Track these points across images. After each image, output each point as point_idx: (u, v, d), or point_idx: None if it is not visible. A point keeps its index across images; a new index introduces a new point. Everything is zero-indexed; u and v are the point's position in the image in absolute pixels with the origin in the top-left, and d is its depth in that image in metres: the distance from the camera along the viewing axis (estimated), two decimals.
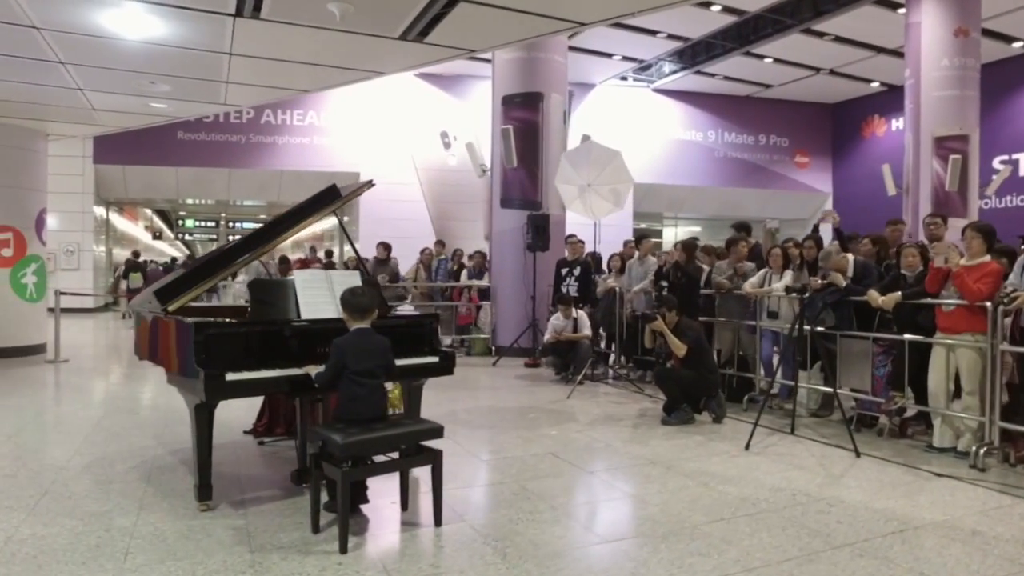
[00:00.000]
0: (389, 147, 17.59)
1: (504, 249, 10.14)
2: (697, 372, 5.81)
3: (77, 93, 7.42)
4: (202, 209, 23.94)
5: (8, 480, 4.07)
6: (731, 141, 18.38)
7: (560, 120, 10.18)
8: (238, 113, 17.19)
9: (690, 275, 6.61)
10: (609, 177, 6.92)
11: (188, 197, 20.25)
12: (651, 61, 16.33)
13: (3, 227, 8.79)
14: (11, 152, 8.84)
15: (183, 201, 21.63)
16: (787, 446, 5.10)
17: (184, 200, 21.37)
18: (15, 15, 5.36)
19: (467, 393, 7.30)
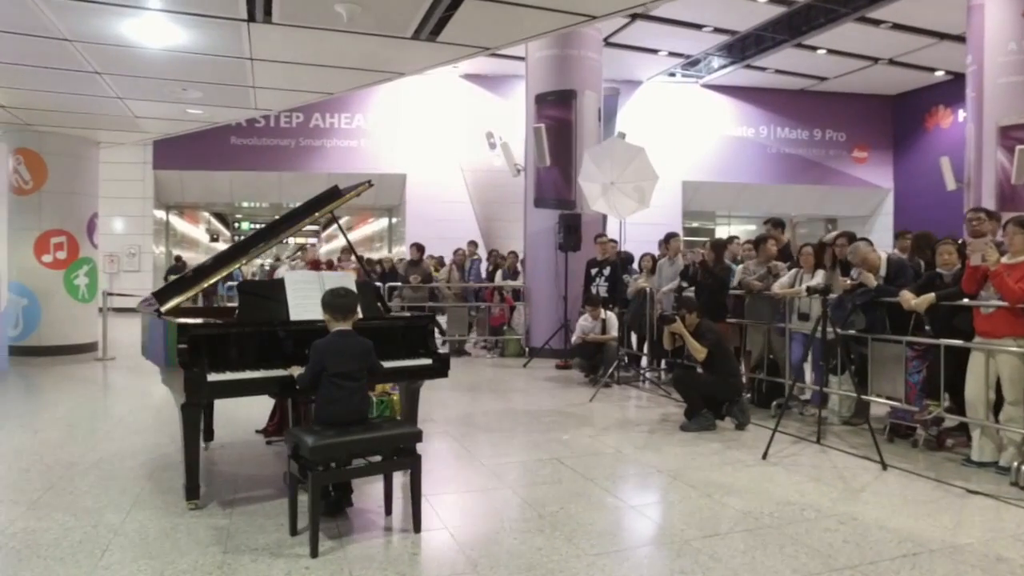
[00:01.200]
0: (435, 149, 17.71)
1: (537, 249, 10.03)
2: (718, 376, 5.57)
3: (117, 102, 7.70)
4: (257, 212, 24.64)
5: (21, 474, 4.22)
6: (785, 137, 17.73)
7: (594, 118, 9.99)
8: (288, 117, 17.65)
9: (717, 276, 6.35)
10: (633, 174, 6.72)
11: (242, 200, 20.90)
12: (699, 56, 15.90)
13: (57, 231, 9.22)
14: (65, 160, 9.27)
15: (238, 204, 22.33)
16: (809, 456, 4.82)
17: (239, 203, 22.05)
18: (47, 29, 5.59)
19: (490, 395, 7.23)
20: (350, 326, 3.44)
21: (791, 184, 17.76)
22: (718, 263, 6.42)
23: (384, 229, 22.10)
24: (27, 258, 9.05)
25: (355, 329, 3.56)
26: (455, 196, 17.88)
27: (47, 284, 9.13)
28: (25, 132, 8.97)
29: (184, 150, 16.81)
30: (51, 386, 7.33)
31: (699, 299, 6.45)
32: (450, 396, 7.09)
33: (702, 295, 6.45)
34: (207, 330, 3.58)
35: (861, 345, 5.42)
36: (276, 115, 17.60)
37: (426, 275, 10.11)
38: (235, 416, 5.59)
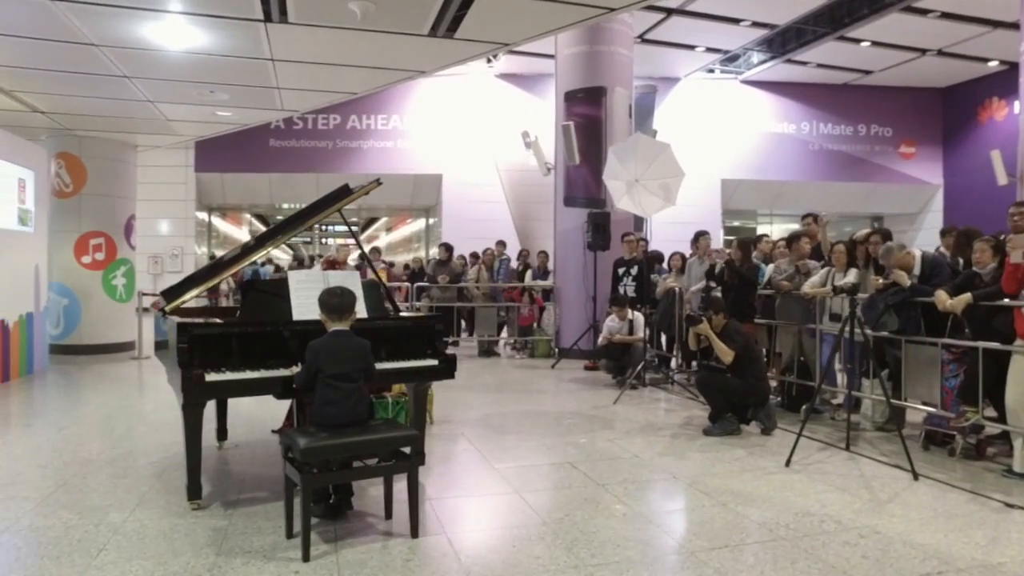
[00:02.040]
0: (471, 149, 17.70)
1: (567, 249, 9.89)
2: (744, 380, 5.36)
3: (149, 105, 7.86)
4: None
5: (37, 470, 4.30)
6: (827, 132, 17.16)
7: (625, 115, 9.80)
8: (325, 119, 17.87)
9: (744, 275, 6.12)
10: (658, 171, 6.53)
11: (280, 202, 21.23)
12: (737, 51, 15.50)
13: (96, 233, 9.48)
14: (104, 163, 9.52)
15: (278, 206, 22.72)
16: (836, 464, 4.59)
17: (279, 205, 22.44)
18: (74, 34, 5.71)
19: (513, 396, 7.13)
20: (347, 326, 3.39)
21: (834, 181, 17.18)
22: (745, 262, 6.19)
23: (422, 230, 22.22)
24: (67, 259, 9.32)
25: (361, 329, 3.51)
26: (491, 196, 17.83)
27: (86, 284, 9.40)
28: (66, 137, 9.24)
29: (224, 153, 17.19)
30: (85, 384, 7.52)
31: (726, 299, 6.23)
32: (472, 397, 7.02)
33: (729, 295, 6.23)
34: (208, 329, 3.56)
35: (894, 347, 5.15)
36: (314, 117, 17.88)
37: (454, 275, 10.07)
38: (253, 416, 5.62)
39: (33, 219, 7.78)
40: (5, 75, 6.91)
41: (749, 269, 6.17)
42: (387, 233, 31.03)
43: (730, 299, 6.15)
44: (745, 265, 6.17)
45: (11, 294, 7.30)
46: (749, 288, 6.14)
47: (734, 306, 6.05)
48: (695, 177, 16.83)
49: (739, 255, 6.19)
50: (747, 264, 6.18)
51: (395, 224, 28.25)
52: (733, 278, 6.17)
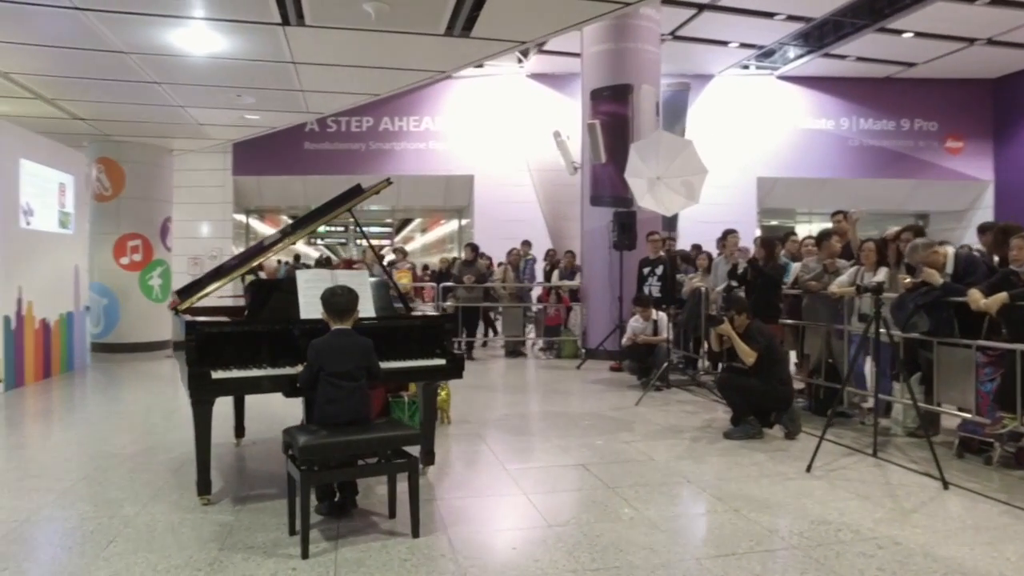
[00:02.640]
0: (503, 149, 17.68)
1: (594, 248, 9.80)
2: (767, 382, 5.22)
3: (180, 110, 8.05)
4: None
5: (62, 464, 4.42)
6: (868, 128, 16.66)
7: (652, 112, 9.67)
8: (358, 122, 18.08)
9: (768, 275, 5.96)
10: (680, 168, 6.41)
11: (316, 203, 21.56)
12: (773, 46, 15.15)
13: (134, 235, 9.75)
14: (141, 167, 9.80)
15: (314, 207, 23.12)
16: (861, 470, 4.42)
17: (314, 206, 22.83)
18: (104, 42, 5.88)
19: (535, 396, 7.09)
20: (350, 325, 3.40)
21: (876, 178, 16.67)
22: (770, 260, 6.02)
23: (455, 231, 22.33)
24: (107, 260, 9.61)
25: (368, 328, 3.51)
26: (523, 196, 17.78)
27: (124, 285, 9.68)
28: (105, 142, 9.53)
29: (261, 157, 17.52)
30: (121, 381, 7.73)
31: (750, 299, 6.08)
32: (493, 397, 7.01)
33: (753, 295, 6.08)
34: (215, 328, 3.61)
35: (927, 350, 4.95)
36: (347, 120, 18.12)
37: (480, 275, 10.06)
38: (275, 413, 5.69)
39: (73, 222, 8.03)
40: (46, 84, 7.15)
41: (774, 268, 6.00)
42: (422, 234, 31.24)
43: (754, 299, 6.00)
44: (769, 264, 6.00)
45: (52, 294, 7.55)
46: (773, 288, 5.97)
47: (758, 306, 5.89)
48: (729, 175, 16.62)
49: (763, 254, 6.03)
50: (771, 263, 6.01)
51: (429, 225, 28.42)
52: (757, 277, 6.01)
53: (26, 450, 4.86)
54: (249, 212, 20.71)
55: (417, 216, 26.89)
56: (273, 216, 25.09)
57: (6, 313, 6.71)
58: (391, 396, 5.46)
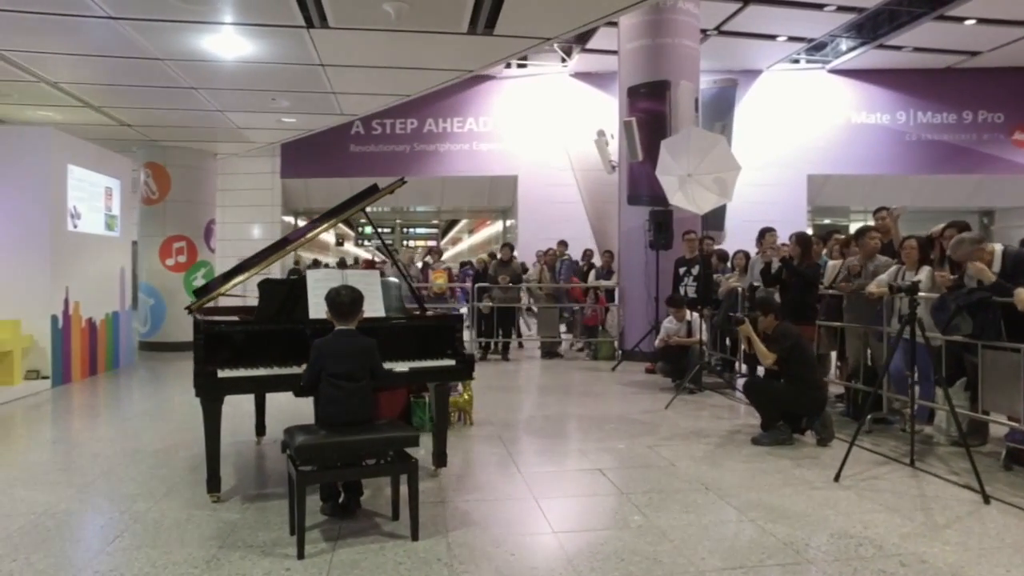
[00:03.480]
0: (547, 149, 17.58)
1: (632, 248, 9.63)
2: (797, 386, 5.00)
3: (219, 115, 8.26)
4: (380, 216, 25.82)
5: (90, 458, 4.56)
6: (927, 122, 15.91)
7: (691, 109, 9.43)
8: (403, 124, 18.26)
9: (802, 274, 5.71)
10: (712, 165, 6.20)
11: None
12: (823, 39, 14.63)
13: (178, 237, 10.07)
14: (185, 171, 10.11)
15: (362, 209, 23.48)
16: (894, 481, 4.18)
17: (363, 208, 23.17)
18: (139, 49, 6.07)
19: (564, 398, 6.99)
20: (353, 326, 3.38)
21: (935, 174, 15.91)
22: (804, 259, 5.76)
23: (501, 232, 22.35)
24: (154, 261, 9.95)
25: (377, 328, 3.50)
26: (567, 196, 17.63)
27: (170, 285, 9.99)
28: (153, 147, 9.87)
29: (308, 159, 17.88)
30: (163, 379, 7.97)
31: (784, 300, 5.85)
32: (521, 399, 6.94)
33: (787, 295, 5.84)
34: (223, 327, 3.65)
35: (972, 353, 4.66)
36: (391, 122, 18.33)
37: (515, 275, 10.01)
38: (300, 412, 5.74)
39: (119, 224, 8.33)
40: (92, 92, 7.43)
41: (809, 267, 5.74)
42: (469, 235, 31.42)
43: (788, 299, 5.77)
44: (804, 263, 5.74)
45: (99, 294, 7.84)
46: (808, 288, 5.72)
47: (792, 307, 5.66)
48: (779, 173, 16.15)
49: (797, 252, 5.77)
50: (806, 261, 5.75)
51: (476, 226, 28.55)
52: (791, 277, 5.76)
53: (58, 444, 5.04)
54: (297, 214, 21.18)
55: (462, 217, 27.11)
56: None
57: (54, 312, 6.99)
58: (413, 397, 5.46)
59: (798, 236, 5.84)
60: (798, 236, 5.84)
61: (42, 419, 5.99)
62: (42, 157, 6.81)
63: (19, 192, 6.79)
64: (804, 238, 5.82)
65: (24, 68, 6.54)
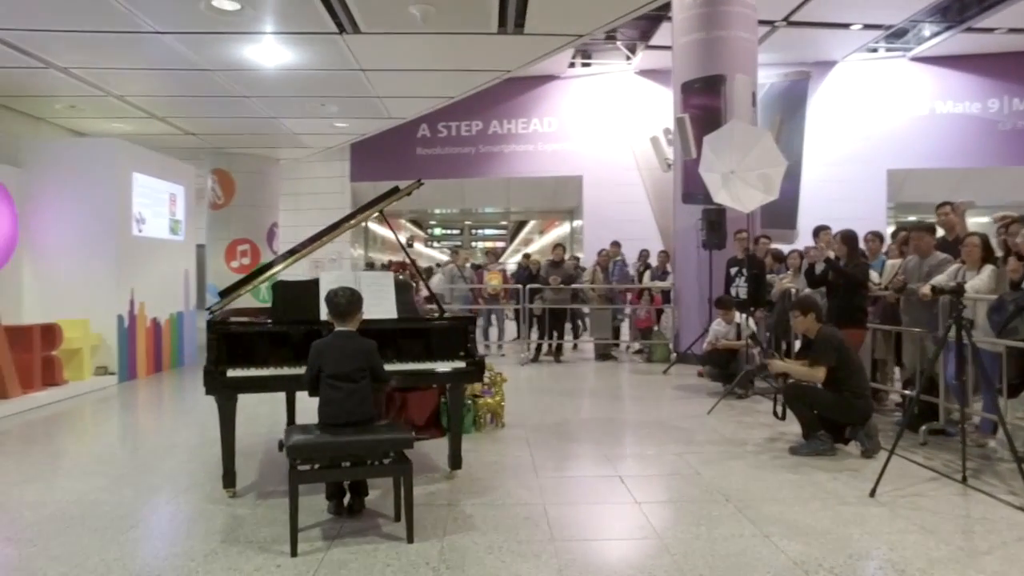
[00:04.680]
0: (612, 148, 17.38)
1: (686, 248, 9.36)
2: (840, 394, 4.69)
3: (274, 121, 8.56)
4: (449, 217, 26.21)
5: (129, 452, 4.81)
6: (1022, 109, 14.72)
7: (748, 103, 9.07)
8: (468, 126, 18.47)
9: (849, 274, 5.36)
10: (756, 161, 5.91)
11: (429, 207, 22.27)
12: (903, 25, 13.76)
13: (243, 240, 10.51)
14: (249, 177, 10.55)
15: (431, 211, 23.84)
16: (939, 498, 3.85)
17: (432, 210, 23.54)
18: (189, 61, 6.36)
19: (605, 402, 6.86)
20: (353, 327, 3.40)
21: None
22: (852, 259, 5.41)
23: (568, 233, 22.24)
24: (220, 264, 10.43)
25: (388, 330, 3.51)
26: (632, 196, 17.36)
27: None
28: (218, 154, 10.35)
29: (376, 163, 18.38)
30: None
31: (831, 303, 5.52)
32: (561, 401, 6.85)
33: (835, 297, 5.50)
34: (235, 327, 3.76)
35: None
36: (457, 125, 18.58)
37: (567, 276, 9.90)
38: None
39: (183, 229, 8.77)
40: (155, 104, 7.86)
41: (856, 267, 5.37)
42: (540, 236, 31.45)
43: (835, 302, 5.44)
44: (852, 263, 5.39)
45: (163, 296, 8.27)
46: (856, 289, 5.36)
47: (839, 310, 5.33)
48: (856, 169, 15.34)
49: (844, 251, 5.43)
50: (853, 261, 5.39)
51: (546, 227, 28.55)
52: (838, 278, 5.42)
53: (107, 436, 5.34)
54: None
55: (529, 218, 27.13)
56: (394, 219, 26.25)
57: (120, 312, 7.43)
58: (444, 399, 5.47)
59: (843, 234, 5.49)
60: (843, 234, 5.49)
61: (102, 413, 6.36)
62: (108, 166, 7.25)
63: (88, 200, 7.26)
64: (849, 236, 5.46)
65: (91, 83, 6.99)
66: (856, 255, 5.43)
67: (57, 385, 6.63)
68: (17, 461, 4.67)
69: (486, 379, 5.72)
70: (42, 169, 7.24)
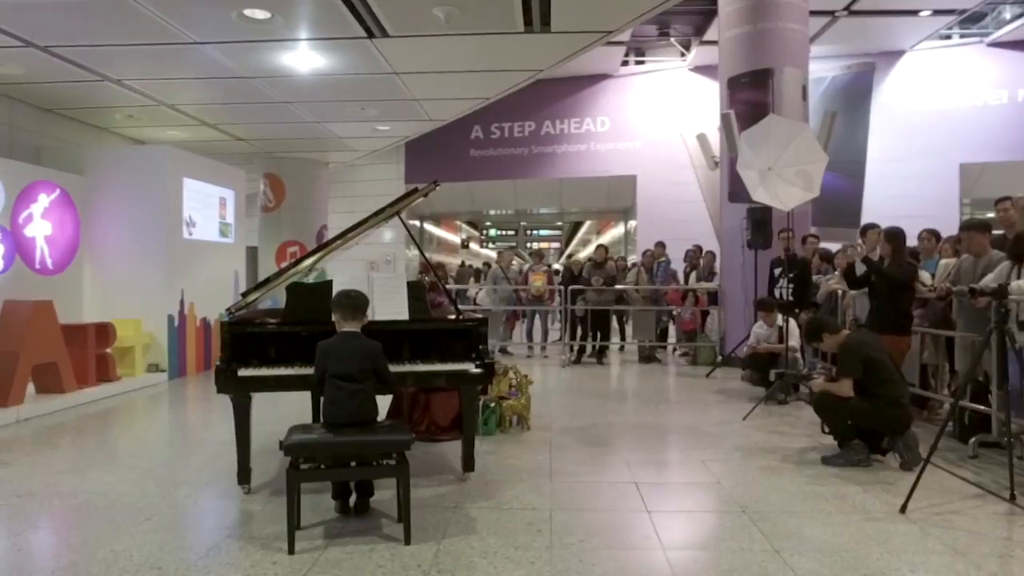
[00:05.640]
0: (666, 147, 17.06)
1: (733, 248, 9.08)
2: (874, 402, 4.43)
3: (318, 126, 8.76)
4: (504, 219, 26.28)
5: (163, 446, 5.00)
6: None
7: (798, 97, 8.73)
8: (520, 127, 18.48)
9: (891, 276, 5.05)
10: (794, 156, 5.65)
11: (484, 208, 22.41)
12: (980, 8, 12.97)
13: (292, 242, 10.81)
14: (299, 180, 10.85)
15: (486, 212, 23.99)
16: (978, 517, 3.58)
17: (487, 211, 23.68)
18: (229, 69, 6.58)
19: (639, 405, 6.73)
20: (357, 328, 3.43)
21: None
22: (896, 258, 5.09)
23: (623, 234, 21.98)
24: (271, 266, 10.76)
25: (398, 331, 3.54)
26: (687, 195, 17.00)
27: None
28: (269, 159, 10.68)
29: (430, 165, 18.59)
30: None
31: (872, 306, 5.24)
32: (592, 404, 6.75)
33: (876, 299, 5.21)
34: (249, 327, 3.84)
35: None
36: (510, 126, 18.63)
37: (610, 277, 9.75)
38: None
39: (233, 231, 9.08)
40: (204, 111, 8.17)
41: (899, 267, 5.06)
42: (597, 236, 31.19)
43: (876, 305, 5.14)
44: (896, 263, 5.07)
45: (212, 296, 8.58)
46: (899, 291, 5.05)
47: (880, 314, 5.05)
48: (926, 163, 14.57)
49: (888, 250, 5.11)
50: (898, 261, 5.07)
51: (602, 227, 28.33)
52: (880, 280, 5.12)
53: (146, 431, 5.57)
54: (423, 218, 22.03)
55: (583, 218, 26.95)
56: (450, 220, 26.53)
57: (170, 312, 7.75)
58: None
59: (887, 232, 5.18)
60: (887, 232, 5.18)
61: (148, 408, 6.65)
62: (160, 172, 7.59)
63: (141, 204, 7.62)
64: (894, 234, 5.14)
65: (143, 93, 7.33)
66: (901, 255, 5.11)
67: (110, 381, 6.97)
68: (62, 453, 4.92)
69: (512, 381, 5.71)
70: (101, 176, 7.64)
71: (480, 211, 23.38)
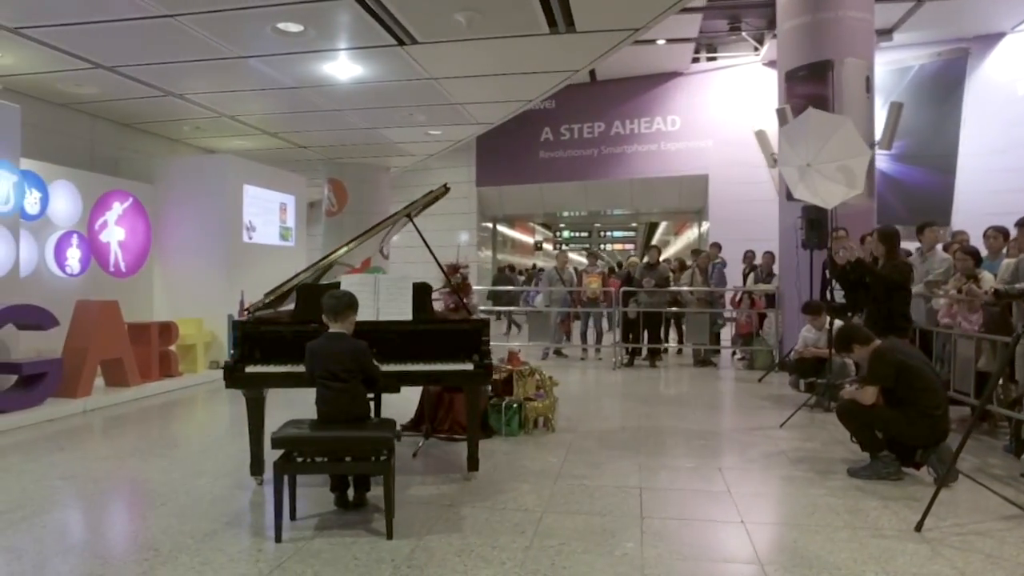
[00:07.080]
0: (739, 145, 16.54)
1: (789, 248, 8.68)
2: (904, 411, 4.15)
3: (372, 131, 9.05)
4: (577, 220, 26.17)
5: (197, 438, 5.31)
6: None
7: (860, 89, 8.26)
8: (590, 128, 18.39)
9: (886, 277, 4.69)
10: (835, 152, 5.34)
11: (554, 210, 22.38)
12: None
13: None
14: (360, 185, 11.23)
15: (559, 214, 23.97)
16: (1002, 538, 3.30)
17: (560, 212, 23.66)
18: (277, 81, 6.91)
19: (677, 409, 6.56)
20: (346, 328, 3.54)
21: None
22: (890, 258, 4.72)
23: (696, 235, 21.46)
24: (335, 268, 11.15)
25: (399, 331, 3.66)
26: (760, 195, 16.37)
27: None
28: (332, 165, 11.11)
29: (500, 168, 18.87)
30: None
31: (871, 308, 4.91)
32: (625, 408, 6.65)
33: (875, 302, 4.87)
34: (258, 326, 4.04)
35: None
36: (579, 127, 18.59)
37: (662, 279, 9.54)
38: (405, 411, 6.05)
39: (294, 235, 9.51)
40: (263, 121, 8.61)
41: (894, 268, 4.67)
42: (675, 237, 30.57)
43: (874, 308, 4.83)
44: (889, 263, 4.70)
45: None
46: (895, 293, 4.68)
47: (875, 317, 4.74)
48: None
49: (882, 250, 4.76)
50: (891, 261, 4.70)
51: (679, 228, 27.77)
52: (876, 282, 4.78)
53: (191, 424, 5.93)
54: (495, 220, 22.27)
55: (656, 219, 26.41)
56: (523, 222, 26.66)
57: (230, 312, 8.20)
58: (491, 401, 5.51)
59: (880, 232, 4.84)
60: (880, 232, 4.84)
61: (203, 402, 7.06)
62: (221, 180, 8.06)
63: (205, 210, 8.12)
64: (888, 234, 4.78)
65: (203, 106, 7.80)
66: (895, 254, 4.76)
67: (172, 376, 7.45)
68: (112, 441, 5.32)
69: (537, 382, 5.71)
70: (168, 185, 8.21)
71: (554, 213, 23.37)
